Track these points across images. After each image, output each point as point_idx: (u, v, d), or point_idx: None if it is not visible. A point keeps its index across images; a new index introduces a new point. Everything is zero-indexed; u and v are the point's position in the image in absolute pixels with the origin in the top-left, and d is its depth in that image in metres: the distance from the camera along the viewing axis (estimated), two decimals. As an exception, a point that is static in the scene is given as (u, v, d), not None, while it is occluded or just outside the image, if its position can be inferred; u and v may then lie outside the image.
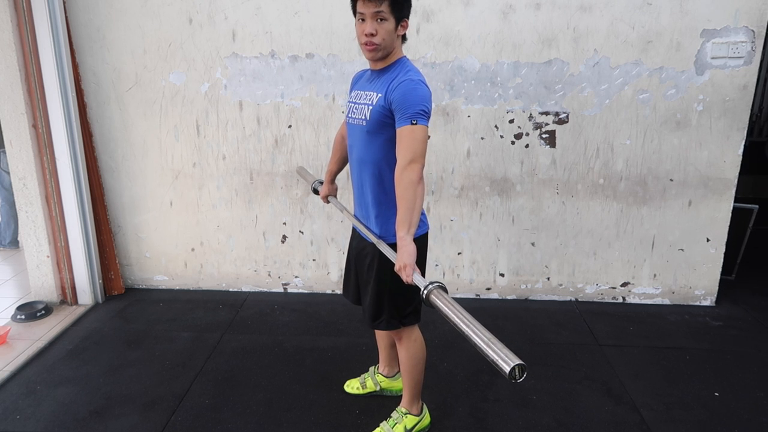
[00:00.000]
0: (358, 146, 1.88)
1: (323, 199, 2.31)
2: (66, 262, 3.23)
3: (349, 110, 1.92)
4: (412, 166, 1.67)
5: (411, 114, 1.66)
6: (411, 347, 2.04)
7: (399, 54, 1.81)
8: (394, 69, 1.77)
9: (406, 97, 1.67)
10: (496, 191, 3.25)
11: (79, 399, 2.39)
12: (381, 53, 1.75)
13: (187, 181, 3.34)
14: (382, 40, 1.71)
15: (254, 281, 3.52)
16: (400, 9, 1.72)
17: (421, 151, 1.68)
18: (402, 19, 1.74)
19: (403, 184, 1.68)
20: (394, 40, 1.75)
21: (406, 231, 1.67)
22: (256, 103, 3.18)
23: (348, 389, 2.44)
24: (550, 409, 2.34)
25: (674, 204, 3.21)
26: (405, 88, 1.68)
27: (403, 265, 1.64)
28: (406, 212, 1.68)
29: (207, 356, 2.74)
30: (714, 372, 2.64)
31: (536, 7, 2.95)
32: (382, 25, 1.70)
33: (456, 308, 1.40)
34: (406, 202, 1.67)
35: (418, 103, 1.67)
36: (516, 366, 1.21)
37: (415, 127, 1.66)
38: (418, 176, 1.67)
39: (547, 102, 3.09)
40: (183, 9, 3.04)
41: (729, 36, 2.92)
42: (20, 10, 2.85)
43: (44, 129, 3.02)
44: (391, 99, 1.71)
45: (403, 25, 1.76)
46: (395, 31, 1.73)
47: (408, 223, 1.67)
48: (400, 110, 1.68)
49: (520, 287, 3.43)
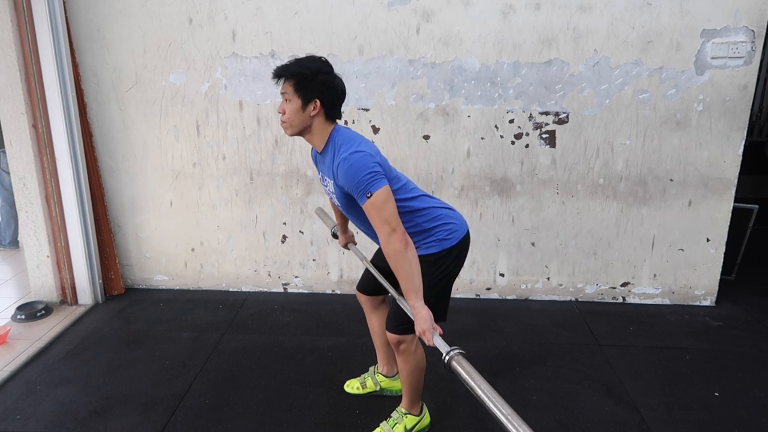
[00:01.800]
0: (349, 216, 1.95)
1: (343, 247, 2.37)
2: (66, 262, 3.23)
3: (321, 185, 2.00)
4: (392, 237, 1.68)
5: (362, 190, 1.68)
6: (411, 359, 2.03)
7: (327, 130, 1.82)
8: (329, 150, 1.81)
9: (349, 178, 1.70)
10: (496, 191, 3.25)
11: (79, 399, 2.39)
12: (291, 130, 1.81)
13: (187, 181, 3.34)
14: (288, 118, 1.77)
15: (254, 281, 3.52)
16: (305, 89, 1.74)
17: (391, 214, 1.69)
18: (311, 99, 1.75)
19: (393, 257, 1.70)
20: (303, 120, 1.78)
21: (415, 298, 1.70)
22: (256, 103, 3.18)
23: (348, 389, 2.44)
24: (550, 409, 2.34)
25: (674, 204, 3.21)
26: (344, 170, 1.71)
27: (421, 331, 1.67)
28: (407, 282, 1.70)
29: (207, 356, 2.74)
30: (714, 372, 2.64)
31: (536, 7, 2.95)
32: (288, 105, 1.77)
33: (476, 378, 1.42)
34: (403, 272, 1.70)
35: (361, 177, 1.68)
36: None
37: (372, 198, 1.68)
38: (402, 245, 1.68)
39: (547, 102, 3.09)
40: (183, 9, 3.04)
41: (729, 36, 2.92)
42: (20, 10, 2.85)
43: (44, 129, 3.02)
44: (342, 185, 1.75)
45: (315, 106, 1.76)
46: (303, 111, 1.76)
47: (413, 290, 1.70)
48: (353, 191, 1.72)
49: (520, 287, 3.43)
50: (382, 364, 2.41)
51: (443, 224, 1.93)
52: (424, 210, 1.90)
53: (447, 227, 1.93)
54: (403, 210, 1.81)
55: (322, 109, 1.78)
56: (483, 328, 3.05)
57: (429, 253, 1.91)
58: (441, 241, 1.92)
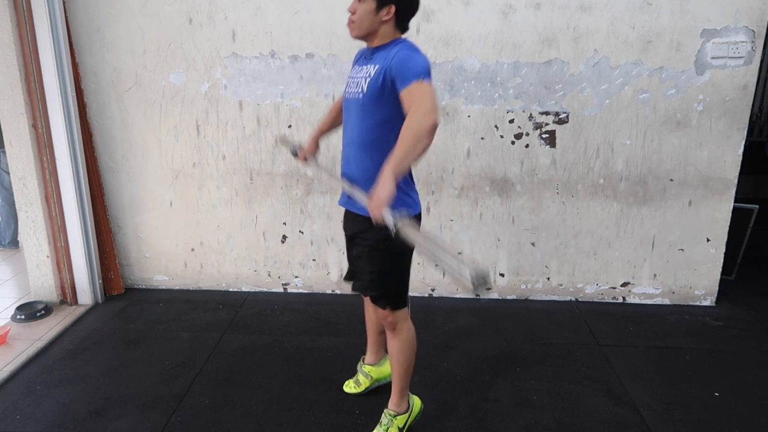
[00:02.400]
0: (351, 123, 1.86)
1: (302, 160, 2.24)
2: (66, 262, 3.23)
3: (347, 85, 1.90)
4: (432, 115, 1.56)
5: (416, 73, 1.61)
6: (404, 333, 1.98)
7: (393, 36, 1.78)
8: (391, 45, 1.75)
9: (408, 62, 1.63)
10: (496, 191, 3.25)
11: (79, 399, 2.39)
12: (357, 31, 1.75)
13: (187, 181, 3.34)
14: (358, 18, 1.73)
15: (254, 281, 3.52)
16: None
17: (435, 105, 1.58)
18: (386, 3, 1.71)
19: (414, 128, 1.56)
20: (373, 23, 1.73)
21: (393, 168, 1.58)
22: (256, 103, 3.17)
23: (347, 389, 2.44)
24: (550, 409, 2.34)
25: (674, 204, 3.21)
26: (405, 56, 1.65)
27: (376, 199, 1.55)
28: (399, 153, 1.58)
29: (207, 356, 2.74)
30: (714, 372, 2.64)
31: (536, 7, 2.95)
32: (361, 5, 1.72)
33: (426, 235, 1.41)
34: (405, 143, 1.57)
35: (421, 65, 1.63)
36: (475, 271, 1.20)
37: (424, 84, 1.60)
38: (428, 126, 1.55)
39: (547, 102, 3.09)
40: (183, 9, 3.04)
41: (729, 36, 2.92)
42: (20, 10, 2.85)
43: (44, 129, 3.02)
44: (391, 67, 1.66)
45: (389, 11, 1.72)
46: (375, 14, 1.72)
47: (399, 161, 1.58)
48: (404, 73, 1.62)
49: (520, 287, 3.43)
50: (369, 353, 2.40)
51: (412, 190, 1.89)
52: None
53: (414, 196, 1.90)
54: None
55: (395, 17, 1.74)
56: (483, 328, 3.05)
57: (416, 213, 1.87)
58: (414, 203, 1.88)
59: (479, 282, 1.18)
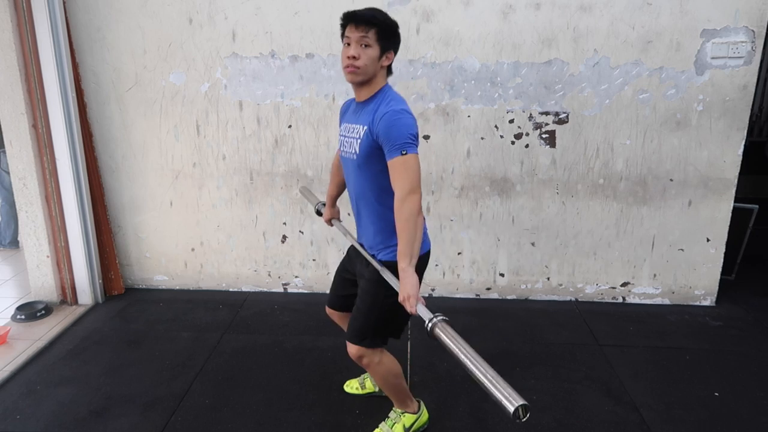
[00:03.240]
0: (353, 179, 1.90)
1: (327, 223, 2.33)
2: (66, 262, 3.23)
3: (341, 143, 1.93)
4: (411, 198, 1.66)
5: (399, 144, 1.66)
6: (377, 370, 1.98)
7: (381, 84, 1.81)
8: (376, 100, 1.78)
9: (392, 128, 1.67)
10: (496, 191, 3.25)
11: (79, 399, 2.39)
12: (360, 77, 1.76)
13: (187, 181, 3.34)
14: (364, 64, 1.73)
15: (254, 281, 3.52)
16: (387, 39, 1.75)
17: (417, 179, 1.68)
18: (388, 50, 1.77)
19: (404, 216, 1.67)
20: (376, 69, 1.76)
21: (407, 263, 1.66)
22: (256, 103, 3.18)
23: (348, 389, 2.44)
24: (550, 409, 2.34)
25: (674, 204, 3.21)
26: (389, 120, 1.68)
27: (407, 296, 1.63)
28: (407, 245, 1.67)
29: (207, 356, 2.74)
30: (714, 372, 2.64)
31: (536, 7, 2.95)
32: (366, 51, 1.73)
33: (460, 343, 1.39)
34: (407, 234, 1.67)
35: (404, 133, 1.67)
36: (520, 406, 1.20)
37: (406, 156, 1.66)
38: (417, 207, 1.67)
39: (547, 102, 3.09)
40: (183, 9, 3.04)
41: (729, 36, 2.92)
42: (20, 10, 2.85)
43: (44, 129, 3.02)
44: (377, 132, 1.71)
45: (388, 57, 1.78)
46: (378, 61, 1.75)
47: (409, 255, 1.67)
48: (388, 142, 1.68)
49: (520, 287, 3.43)
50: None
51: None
52: None
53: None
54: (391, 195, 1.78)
55: (389, 63, 1.80)
56: (483, 328, 3.05)
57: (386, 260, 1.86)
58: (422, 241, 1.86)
59: (513, 417, 1.20)
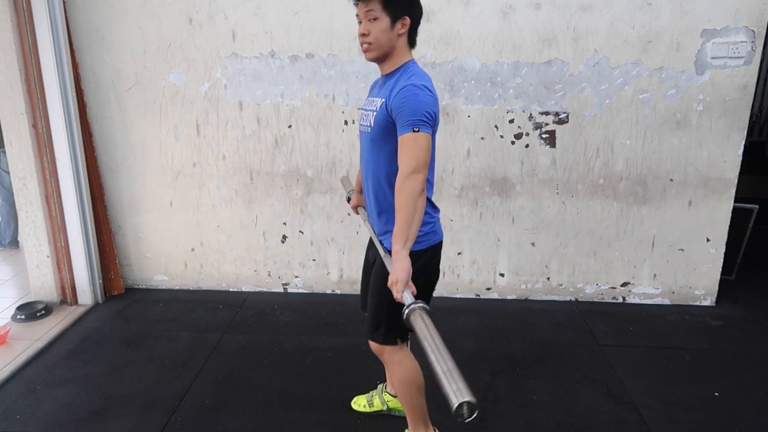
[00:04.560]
0: (365, 154, 1.84)
1: (353, 209, 2.26)
2: (66, 262, 3.23)
3: (360, 117, 1.87)
4: (414, 176, 1.57)
5: (412, 121, 1.57)
6: (397, 371, 1.88)
7: (405, 58, 1.73)
8: (398, 74, 1.70)
9: (407, 103, 1.59)
10: (496, 191, 3.25)
11: (79, 399, 2.39)
12: (375, 53, 1.69)
13: (187, 181, 3.34)
14: (375, 39, 1.66)
15: (254, 281, 3.52)
16: (394, 5, 1.65)
17: (424, 159, 1.59)
18: (400, 16, 1.66)
19: (404, 194, 1.58)
20: (390, 40, 1.68)
21: (402, 244, 1.58)
22: (256, 103, 3.18)
23: (355, 406, 2.32)
24: (550, 409, 2.34)
25: (674, 204, 3.21)
26: (405, 95, 1.60)
27: (394, 281, 1.56)
28: (403, 225, 1.58)
29: (207, 356, 2.74)
30: (714, 372, 2.64)
31: (536, 7, 2.95)
32: (374, 24, 1.65)
33: (431, 333, 1.32)
34: (405, 214, 1.58)
35: (419, 110, 1.58)
36: (464, 402, 1.13)
37: (417, 134, 1.57)
38: (420, 187, 1.58)
39: (547, 102, 3.09)
40: (183, 9, 3.04)
41: (729, 36, 2.92)
42: (20, 10, 2.85)
43: (44, 129, 3.02)
44: (392, 106, 1.63)
45: (404, 23, 1.68)
46: (391, 30, 1.66)
47: (405, 236, 1.58)
48: (401, 117, 1.60)
49: (520, 287, 3.43)
50: (390, 383, 2.28)
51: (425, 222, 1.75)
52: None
53: (426, 226, 1.77)
54: None
55: (408, 30, 1.70)
56: (483, 328, 3.05)
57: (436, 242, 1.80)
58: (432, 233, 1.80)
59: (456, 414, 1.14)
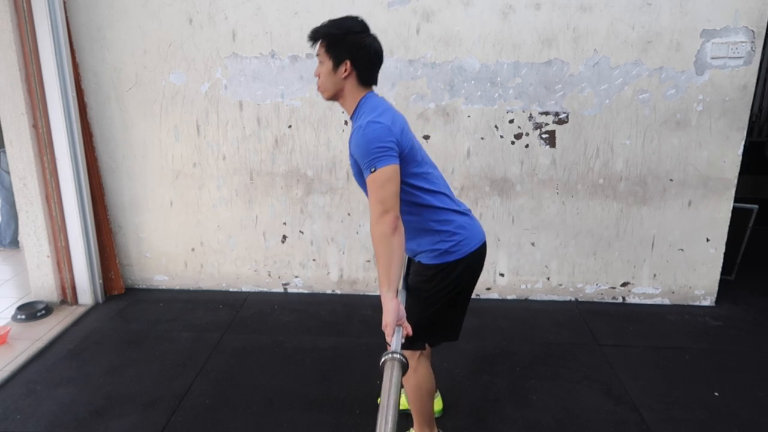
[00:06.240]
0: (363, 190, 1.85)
1: None
2: (66, 262, 3.23)
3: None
4: (382, 219, 1.58)
5: (367, 163, 1.59)
6: (411, 377, 1.88)
7: (357, 96, 1.73)
8: (354, 117, 1.73)
9: (358, 148, 1.62)
10: (496, 191, 3.25)
11: (79, 399, 2.39)
12: (325, 94, 1.74)
13: (187, 181, 3.34)
14: (322, 81, 1.72)
15: (254, 281, 3.52)
16: (336, 50, 1.68)
17: (389, 195, 1.58)
18: (342, 60, 1.68)
19: (377, 239, 1.60)
20: (336, 83, 1.71)
21: (386, 288, 1.60)
22: (256, 103, 3.18)
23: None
24: (550, 409, 2.34)
25: (674, 204, 3.21)
26: (356, 139, 1.63)
27: (384, 324, 1.59)
28: (383, 270, 1.60)
29: (207, 356, 2.74)
30: (714, 372, 2.64)
31: (536, 7, 2.95)
32: (321, 67, 1.72)
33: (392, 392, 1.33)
34: (382, 258, 1.60)
35: (369, 149, 1.59)
36: None
37: (374, 173, 1.58)
38: (390, 228, 1.58)
39: (547, 102, 3.09)
40: (183, 9, 3.04)
41: (729, 36, 2.92)
42: (20, 10, 2.85)
43: (44, 129, 3.02)
44: (353, 154, 1.66)
45: (346, 67, 1.68)
46: (335, 73, 1.69)
47: (387, 280, 1.59)
48: (360, 162, 1.63)
49: (520, 287, 3.43)
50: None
51: (452, 233, 1.76)
52: (438, 209, 1.76)
53: (455, 237, 1.76)
54: (415, 200, 1.73)
55: (354, 71, 1.69)
56: (483, 328, 3.05)
57: (427, 264, 1.79)
58: (443, 253, 1.76)
59: None
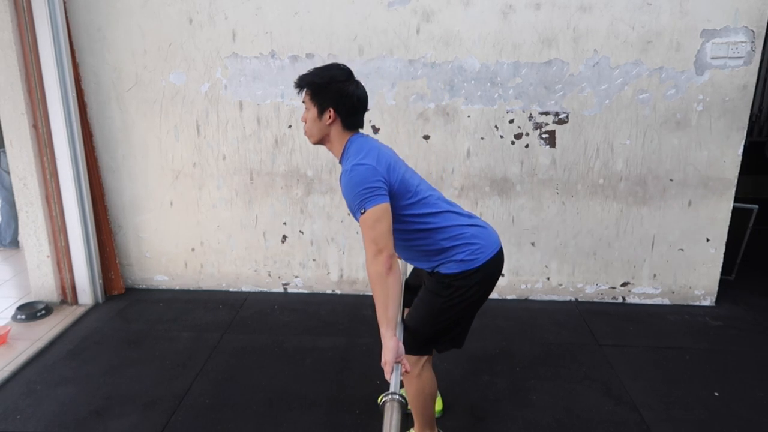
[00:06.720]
0: None
1: None
2: (66, 262, 3.23)
3: None
4: (376, 260, 1.62)
5: (357, 204, 1.64)
6: (413, 382, 1.91)
7: (343, 140, 1.78)
8: (342, 160, 1.77)
9: (346, 194, 1.68)
10: (496, 191, 3.25)
11: (79, 399, 2.39)
12: (312, 138, 1.80)
13: (187, 181, 3.34)
14: (308, 127, 1.78)
15: (254, 281, 3.52)
16: (320, 98, 1.73)
17: (380, 234, 1.62)
18: (326, 108, 1.73)
19: (372, 279, 1.64)
20: (321, 129, 1.76)
21: (385, 327, 1.64)
22: (256, 103, 3.18)
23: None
24: (550, 409, 2.34)
25: (674, 204, 3.21)
26: (344, 183, 1.69)
27: (383, 362, 1.63)
28: (380, 308, 1.64)
29: (207, 356, 2.74)
30: (714, 372, 2.64)
31: (536, 7, 2.95)
32: (307, 114, 1.77)
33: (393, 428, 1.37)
34: (379, 297, 1.64)
35: (355, 193, 1.64)
36: None
37: (365, 215, 1.63)
38: (385, 268, 1.62)
39: (547, 102, 3.09)
40: (183, 9, 3.04)
41: (729, 36, 2.92)
42: (20, 10, 2.85)
43: (44, 129, 3.02)
44: (343, 196, 1.72)
45: (329, 115, 1.73)
46: (319, 120, 1.75)
47: (385, 319, 1.63)
48: (350, 205, 1.68)
49: (520, 287, 3.43)
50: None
51: (466, 244, 1.79)
52: (446, 228, 1.79)
53: (470, 247, 1.79)
54: (421, 227, 1.77)
55: (338, 118, 1.74)
56: (483, 328, 3.05)
57: (446, 273, 1.80)
58: (461, 262, 1.78)
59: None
